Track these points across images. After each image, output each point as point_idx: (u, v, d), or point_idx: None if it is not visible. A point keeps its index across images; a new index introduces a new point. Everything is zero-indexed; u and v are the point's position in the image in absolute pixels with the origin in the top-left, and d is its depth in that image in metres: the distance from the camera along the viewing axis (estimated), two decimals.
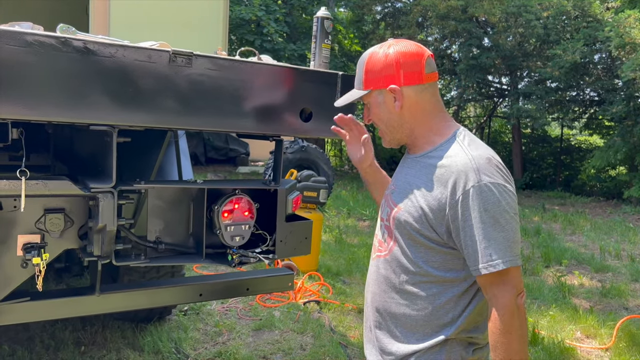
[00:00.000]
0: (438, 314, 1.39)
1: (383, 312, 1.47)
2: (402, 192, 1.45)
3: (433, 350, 1.39)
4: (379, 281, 1.48)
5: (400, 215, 1.41)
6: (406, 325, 1.43)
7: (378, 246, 1.54)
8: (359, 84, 1.48)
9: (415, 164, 1.46)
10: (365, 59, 1.46)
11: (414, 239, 1.39)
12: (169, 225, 1.90)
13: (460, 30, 13.97)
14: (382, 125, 1.48)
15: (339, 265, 5.84)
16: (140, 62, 1.61)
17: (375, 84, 1.43)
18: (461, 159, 1.34)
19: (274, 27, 14.91)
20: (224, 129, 1.80)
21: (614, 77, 12.85)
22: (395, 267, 1.43)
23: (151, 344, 3.55)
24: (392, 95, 1.42)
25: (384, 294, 1.46)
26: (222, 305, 4.49)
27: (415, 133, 1.45)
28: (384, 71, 1.41)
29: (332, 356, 3.59)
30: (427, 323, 1.40)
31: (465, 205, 1.30)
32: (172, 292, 2.10)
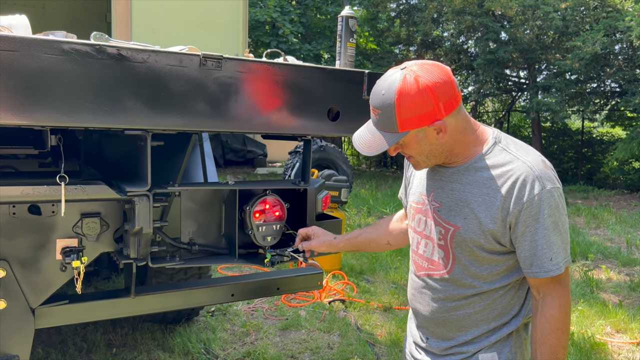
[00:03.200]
0: (505, 311, 1.43)
1: (449, 325, 1.48)
2: (454, 209, 1.40)
3: (501, 341, 1.44)
4: (438, 299, 1.47)
5: (461, 234, 1.38)
6: (476, 331, 1.45)
7: (427, 265, 1.49)
8: (388, 127, 1.33)
9: (460, 177, 1.41)
10: (393, 100, 1.29)
11: (477, 255, 1.39)
12: (202, 227, 1.93)
13: (477, 24, 13.84)
14: (422, 157, 1.40)
15: (362, 264, 5.84)
16: (172, 66, 1.64)
17: (415, 124, 1.31)
18: (519, 166, 1.32)
19: (289, 28, 14.96)
20: (254, 130, 1.82)
21: (636, 67, 12.63)
22: (459, 284, 1.43)
23: (181, 345, 3.59)
24: (434, 130, 1.33)
25: (447, 310, 1.46)
26: (248, 305, 4.53)
27: (455, 151, 1.40)
28: (423, 109, 1.29)
29: (360, 354, 3.60)
30: (498, 323, 1.44)
31: (529, 212, 1.30)
32: (204, 292, 2.13)
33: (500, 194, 1.32)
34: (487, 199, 1.34)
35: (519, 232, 1.32)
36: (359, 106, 1.97)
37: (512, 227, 1.33)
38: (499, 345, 1.44)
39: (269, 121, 1.82)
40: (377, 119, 1.36)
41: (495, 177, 1.34)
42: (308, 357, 3.62)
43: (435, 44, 16.78)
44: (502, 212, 1.32)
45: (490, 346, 1.43)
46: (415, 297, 1.56)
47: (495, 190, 1.33)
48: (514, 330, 1.45)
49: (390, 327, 4.14)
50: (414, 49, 17.78)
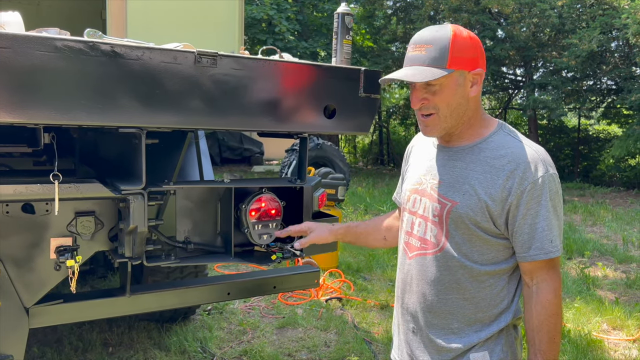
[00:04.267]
0: (494, 302, 1.41)
1: (437, 311, 1.44)
2: (454, 186, 1.41)
3: (492, 339, 1.42)
4: (429, 280, 1.44)
5: (457, 209, 1.38)
6: (464, 320, 1.43)
7: (420, 244, 1.47)
8: (437, 61, 1.33)
9: (463, 156, 1.42)
10: (449, 35, 1.33)
11: (471, 233, 1.38)
12: (198, 225, 1.92)
13: (474, 22, 13.82)
14: (447, 110, 1.37)
15: (358, 262, 5.84)
16: (167, 63, 1.62)
17: (462, 64, 1.33)
18: (524, 150, 1.35)
19: (285, 25, 14.92)
20: (249, 128, 1.81)
21: (632, 64, 12.65)
22: (450, 263, 1.41)
23: (177, 343, 3.58)
24: (471, 80, 1.36)
25: (437, 293, 1.44)
26: (244, 304, 4.52)
27: (470, 123, 1.41)
28: (471, 52, 1.34)
29: (357, 352, 3.59)
30: (485, 314, 1.42)
31: (532, 194, 1.31)
32: (201, 291, 2.11)
33: (503, 173, 1.34)
34: (488, 177, 1.35)
35: (520, 215, 1.32)
36: (355, 103, 1.96)
37: (511, 209, 1.33)
38: (490, 343, 1.41)
39: (264, 119, 1.81)
40: (423, 55, 1.35)
41: (499, 157, 1.36)
42: (305, 356, 3.62)
43: None
44: (502, 191, 1.33)
45: (481, 345, 1.41)
46: (405, 287, 1.53)
47: (498, 169, 1.35)
48: (504, 328, 1.43)
49: (387, 324, 4.13)
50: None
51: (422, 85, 1.37)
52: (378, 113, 19.54)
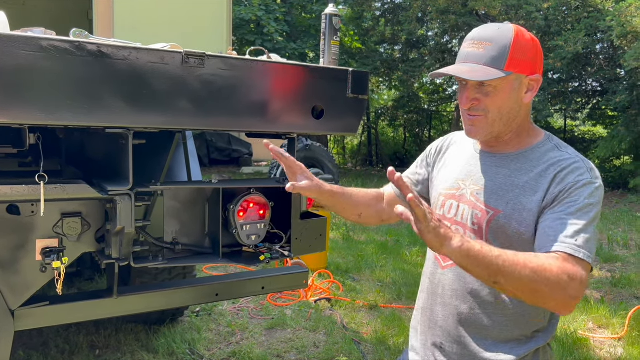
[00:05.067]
0: (533, 319, 1.32)
1: (472, 325, 1.36)
2: (497, 193, 1.33)
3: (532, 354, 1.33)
4: (465, 291, 1.36)
5: (500, 219, 1.30)
6: (500, 336, 1.33)
7: None
8: (496, 61, 1.26)
9: (508, 163, 1.35)
10: (511, 35, 1.27)
11: (511, 244, 1.27)
12: (185, 226, 1.91)
13: (461, 24, 13.92)
14: (497, 114, 1.30)
15: (347, 262, 5.85)
16: (154, 64, 1.62)
17: (521, 67, 1.27)
18: (572, 159, 1.30)
19: (274, 26, 14.91)
20: (238, 128, 1.81)
21: (617, 66, 12.80)
22: None
23: (165, 345, 3.56)
24: (527, 85, 1.30)
25: (474, 306, 1.35)
26: (233, 305, 4.50)
27: (518, 131, 1.35)
28: (531, 55, 1.28)
29: (346, 353, 3.60)
30: (523, 332, 1.33)
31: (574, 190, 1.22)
32: (188, 292, 2.11)
33: (546, 179, 1.27)
34: (533, 185, 1.28)
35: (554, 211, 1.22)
36: (343, 104, 1.97)
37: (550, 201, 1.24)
38: None
39: (252, 119, 1.81)
40: (481, 52, 1.27)
41: (547, 166, 1.29)
42: (294, 356, 3.61)
43: (420, 43, 16.85)
44: (544, 194, 1.26)
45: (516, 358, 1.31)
46: (435, 299, 1.44)
47: (543, 178, 1.27)
48: (541, 348, 1.34)
49: (376, 325, 4.14)
50: (399, 47, 17.84)
51: (474, 84, 1.30)
52: (367, 114, 19.59)
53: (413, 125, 21.11)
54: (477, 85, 1.29)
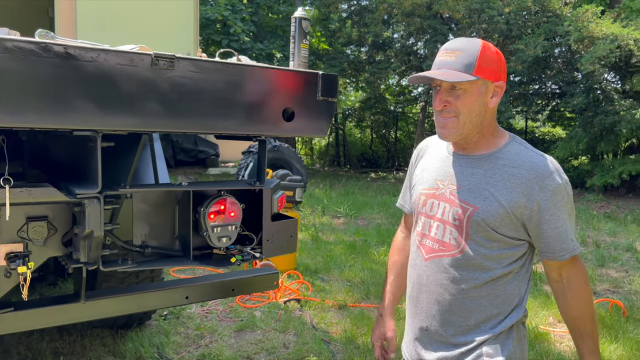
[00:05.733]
0: (509, 299, 1.51)
1: (456, 310, 1.52)
2: (474, 191, 1.49)
3: (503, 334, 1.51)
4: (448, 280, 1.52)
5: (479, 214, 1.46)
6: (481, 317, 1.51)
7: (438, 246, 1.54)
8: (466, 67, 1.43)
9: (481, 164, 1.51)
10: (479, 45, 1.45)
11: (490, 236, 1.47)
12: (155, 229, 1.90)
13: (426, 27, 14.16)
14: (467, 115, 1.46)
15: (316, 263, 5.87)
16: (123, 66, 1.60)
17: (487, 74, 1.44)
18: (540, 160, 1.47)
19: (240, 26, 14.83)
20: (207, 131, 1.81)
21: (574, 70, 13.25)
22: (469, 264, 1.49)
23: (133, 350, 3.51)
24: (492, 90, 1.47)
25: (456, 292, 1.51)
26: (202, 308, 4.47)
27: (483, 132, 1.51)
28: (496, 66, 1.46)
29: (316, 353, 3.62)
30: (501, 310, 1.51)
31: (553, 201, 1.43)
32: (158, 295, 2.09)
33: (521, 181, 1.44)
34: (507, 185, 1.45)
35: (544, 220, 1.44)
36: (313, 107, 1.99)
37: (534, 215, 1.44)
38: (502, 338, 1.50)
39: (223, 122, 1.81)
40: (453, 59, 1.45)
41: (517, 166, 1.46)
42: (264, 358, 3.62)
43: (386, 45, 17.05)
44: (521, 198, 1.44)
45: (494, 339, 1.50)
46: (420, 287, 1.59)
47: (516, 177, 1.45)
48: (514, 324, 1.52)
49: (345, 324, 4.18)
50: (365, 49, 18.00)
51: (447, 88, 1.45)
52: (334, 115, 19.67)
53: (380, 126, 21.32)
54: (450, 88, 1.46)
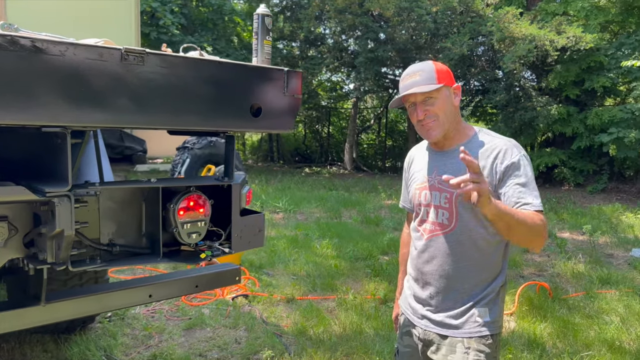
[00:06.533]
0: (494, 266, 1.82)
1: (452, 277, 1.82)
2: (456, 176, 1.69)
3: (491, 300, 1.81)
4: (445, 254, 1.83)
5: None
6: (473, 281, 1.81)
7: (434, 228, 1.85)
8: (430, 80, 1.77)
9: (456, 155, 1.77)
10: (430, 64, 1.82)
11: (474, 210, 1.74)
12: (122, 227, 1.86)
13: (358, 24, 14.43)
14: (444, 116, 1.79)
15: (260, 258, 5.88)
16: (92, 60, 1.56)
17: (446, 81, 1.79)
18: (501, 140, 1.79)
19: (170, 18, 14.42)
20: (176, 126, 1.79)
21: (496, 68, 14.03)
22: (460, 238, 1.80)
23: (79, 354, 3.39)
24: (453, 92, 1.82)
25: (452, 263, 1.82)
26: (146, 308, 4.36)
27: (457, 128, 1.85)
28: (448, 75, 1.82)
29: (269, 346, 3.66)
30: (488, 275, 1.81)
31: (516, 167, 1.72)
32: (121, 295, 2.04)
33: (490, 158, 1.75)
34: (481, 164, 1.73)
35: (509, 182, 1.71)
36: (280, 103, 2.03)
37: (502, 179, 1.72)
38: (490, 303, 1.81)
39: (192, 117, 1.80)
40: (417, 79, 1.79)
41: (485, 150, 1.77)
42: (216, 354, 3.60)
43: (318, 41, 17.19)
44: (492, 170, 1.74)
45: (484, 302, 1.80)
46: (424, 263, 1.89)
47: (486, 157, 1.76)
48: (499, 290, 1.83)
49: (295, 317, 4.24)
50: (297, 44, 18.06)
51: (422, 101, 1.79)
52: None
53: (313, 121, 21.50)
54: (424, 100, 1.80)
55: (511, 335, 4.02)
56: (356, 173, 17.10)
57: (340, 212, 9.09)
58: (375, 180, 14.22)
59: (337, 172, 17.41)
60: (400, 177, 2.26)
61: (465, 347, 1.79)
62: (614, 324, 4.23)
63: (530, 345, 3.80)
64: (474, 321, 1.80)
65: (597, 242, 7.35)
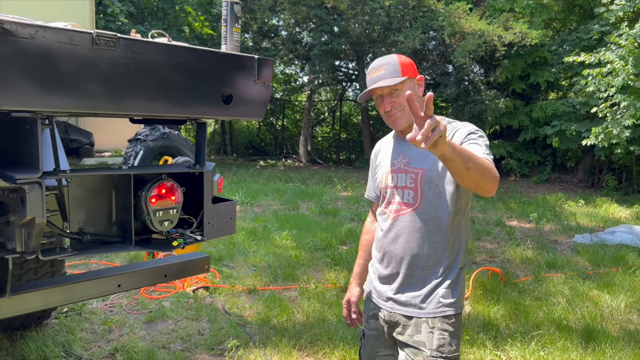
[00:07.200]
0: (456, 245, 1.91)
1: (418, 254, 1.89)
2: (419, 159, 1.91)
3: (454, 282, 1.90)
4: (410, 232, 1.90)
5: (428, 174, 1.87)
6: (436, 259, 1.88)
7: (399, 207, 1.93)
8: (394, 74, 1.86)
9: None
10: (394, 58, 1.91)
11: (439, 191, 1.86)
12: (93, 215, 1.82)
13: (312, 15, 14.44)
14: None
15: (219, 251, 5.85)
16: (62, 44, 1.52)
17: (409, 73, 1.88)
18: (458, 123, 1.92)
19: (118, 6, 13.98)
20: (149, 113, 1.77)
21: (447, 62, 14.39)
22: (424, 217, 1.87)
23: (36, 350, 3.28)
24: (417, 83, 1.92)
25: (417, 240, 1.88)
26: (104, 302, 4.27)
27: None
28: (412, 67, 1.91)
29: (233, 336, 3.66)
30: (450, 254, 1.90)
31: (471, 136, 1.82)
32: (89, 285, 2.00)
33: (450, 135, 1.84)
34: None
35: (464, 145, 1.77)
36: (251, 90, 2.04)
37: None
38: (453, 284, 1.90)
39: (164, 104, 1.79)
40: (383, 72, 1.87)
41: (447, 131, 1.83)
42: (180, 346, 3.58)
43: (272, 32, 17.08)
44: None
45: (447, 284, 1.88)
46: (390, 242, 1.95)
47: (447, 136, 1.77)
48: (460, 271, 1.92)
49: (257, 307, 4.26)
50: (250, 36, 17.88)
51: (388, 93, 1.88)
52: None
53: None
54: (390, 93, 1.89)
55: (467, 318, 4.19)
56: (311, 166, 17.17)
57: (298, 204, 9.13)
58: (331, 173, 14.33)
59: (292, 164, 17.42)
60: (355, 170, 2.34)
61: (430, 326, 1.86)
62: (560, 305, 4.48)
63: (485, 327, 3.97)
64: (437, 302, 1.87)
65: (543, 230, 7.73)
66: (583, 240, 7.09)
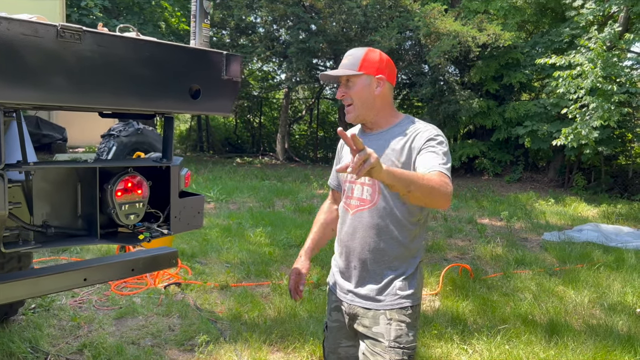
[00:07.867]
0: (413, 242, 1.94)
1: (375, 249, 1.92)
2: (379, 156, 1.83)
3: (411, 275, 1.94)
4: (368, 227, 1.93)
5: None
6: (393, 254, 1.91)
7: (359, 203, 1.96)
8: (352, 66, 1.89)
9: (383, 136, 1.94)
10: (363, 50, 1.92)
11: None
12: (57, 208, 1.82)
13: (289, 13, 14.43)
14: (359, 102, 1.91)
15: (192, 247, 5.83)
16: (26, 36, 1.52)
17: (369, 70, 1.89)
18: (422, 126, 1.92)
19: (93, 0, 13.73)
20: (116, 106, 1.78)
21: (423, 62, 14.54)
22: (382, 213, 1.90)
23: (1, 347, 3.24)
24: (376, 82, 1.90)
25: (374, 236, 1.92)
26: (73, 299, 4.23)
27: (379, 116, 1.96)
28: (377, 64, 1.90)
29: (204, 332, 3.67)
30: (408, 250, 1.93)
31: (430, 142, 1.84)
32: (55, 279, 1.99)
33: (410, 138, 1.87)
34: (401, 143, 1.88)
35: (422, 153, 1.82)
36: (219, 85, 2.05)
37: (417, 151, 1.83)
38: (409, 277, 1.94)
39: (131, 98, 1.80)
40: (346, 62, 1.91)
41: (408, 132, 1.90)
42: (150, 342, 3.57)
43: (249, 29, 17.01)
44: (409, 148, 1.86)
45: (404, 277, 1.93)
46: (349, 237, 2.00)
47: (407, 137, 1.88)
48: (418, 266, 1.97)
49: (229, 303, 4.27)
50: (227, 32, 17.77)
51: (344, 82, 1.92)
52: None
53: (244, 111, 21.27)
54: (345, 82, 1.92)
55: (436, 313, 4.27)
56: (288, 163, 17.17)
57: (273, 202, 9.14)
58: (307, 171, 14.37)
59: (269, 162, 17.39)
60: (332, 168, 2.35)
61: (388, 318, 1.91)
62: (527, 300, 4.60)
63: (453, 322, 4.06)
64: (394, 294, 1.92)
65: (513, 227, 7.89)
66: (551, 237, 7.27)
